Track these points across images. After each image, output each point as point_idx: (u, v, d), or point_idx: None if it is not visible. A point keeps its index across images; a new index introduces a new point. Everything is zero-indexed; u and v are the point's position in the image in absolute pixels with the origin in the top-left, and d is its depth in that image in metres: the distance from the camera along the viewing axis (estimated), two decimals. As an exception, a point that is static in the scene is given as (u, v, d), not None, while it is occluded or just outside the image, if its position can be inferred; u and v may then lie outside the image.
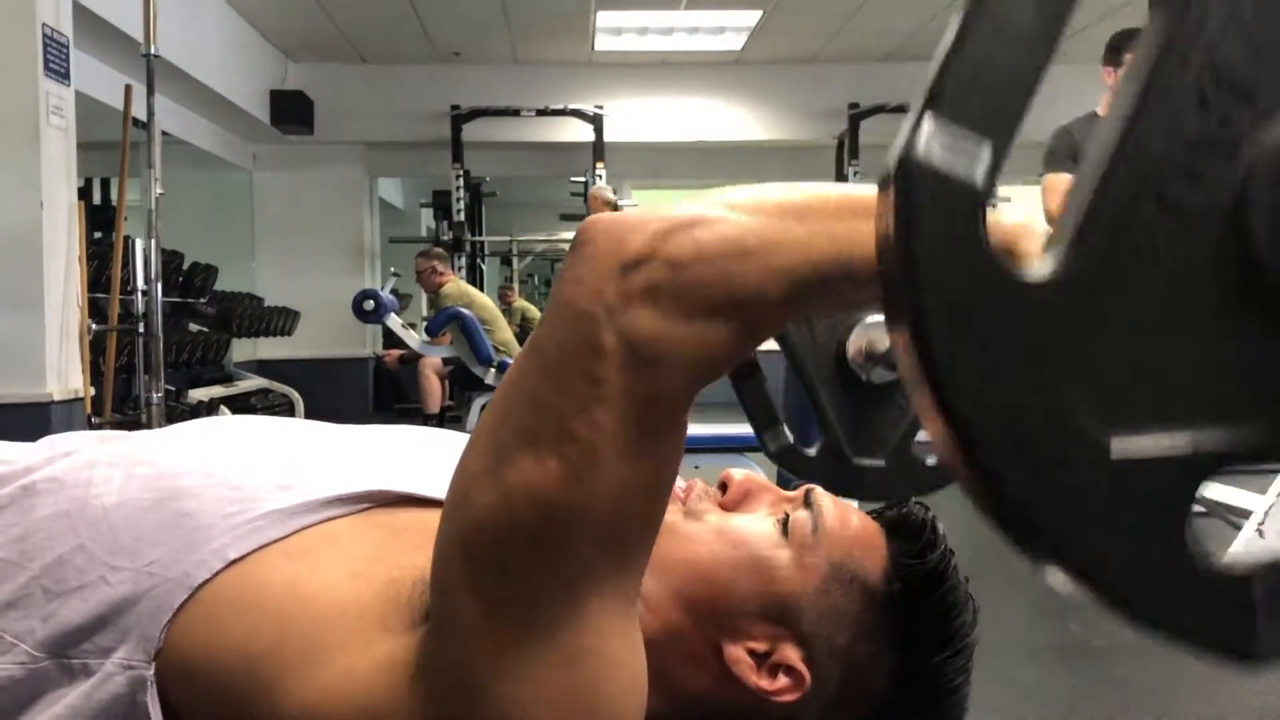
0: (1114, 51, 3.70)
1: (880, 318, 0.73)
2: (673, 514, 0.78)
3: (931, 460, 0.88)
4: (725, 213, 0.56)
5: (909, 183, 0.35)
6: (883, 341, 0.88)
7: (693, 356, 0.56)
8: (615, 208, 6.43)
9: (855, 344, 0.93)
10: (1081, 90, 3.75)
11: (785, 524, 0.81)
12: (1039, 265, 0.35)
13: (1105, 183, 0.36)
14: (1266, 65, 0.36)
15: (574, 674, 0.62)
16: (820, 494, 0.84)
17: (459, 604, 0.62)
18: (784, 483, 1.19)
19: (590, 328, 0.56)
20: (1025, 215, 0.69)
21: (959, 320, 0.35)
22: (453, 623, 0.63)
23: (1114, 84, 3.41)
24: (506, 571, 0.60)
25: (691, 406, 0.61)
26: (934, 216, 0.35)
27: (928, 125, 0.35)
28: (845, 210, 0.56)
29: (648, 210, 0.58)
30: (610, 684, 0.64)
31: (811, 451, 0.93)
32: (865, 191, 0.57)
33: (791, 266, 0.55)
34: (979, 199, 0.35)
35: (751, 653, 0.79)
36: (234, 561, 0.72)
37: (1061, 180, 3.58)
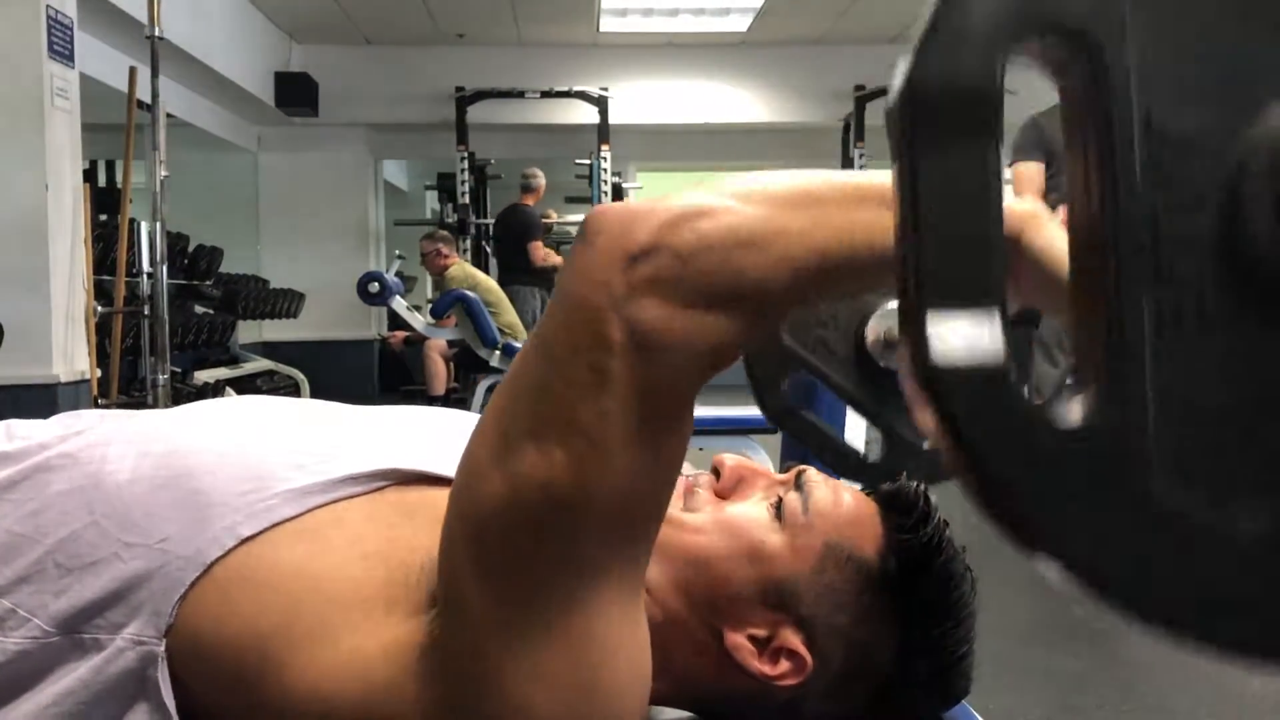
0: None
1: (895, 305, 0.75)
2: (672, 504, 0.79)
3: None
4: (731, 202, 0.56)
5: (942, 393, 0.36)
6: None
7: (697, 347, 0.56)
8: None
9: (874, 331, 0.93)
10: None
11: (778, 508, 0.81)
12: (1074, 410, 0.36)
13: (1113, 311, 0.36)
14: (1199, 104, 0.36)
15: (577, 660, 0.63)
16: (811, 475, 0.84)
17: (465, 590, 0.63)
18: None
19: (596, 319, 0.56)
20: (1032, 202, 0.70)
21: (1037, 500, 0.35)
22: (459, 608, 0.63)
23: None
24: (513, 559, 0.61)
25: (696, 398, 0.62)
26: (978, 416, 0.35)
27: (932, 324, 0.35)
28: (851, 198, 0.56)
29: (654, 200, 0.58)
30: (613, 670, 0.65)
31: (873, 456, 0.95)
32: (869, 178, 0.57)
33: (796, 256, 0.55)
34: (1006, 373, 0.36)
35: (752, 639, 0.79)
36: (246, 539, 0.72)
37: (1029, 169, 3.78)
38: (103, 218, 5.44)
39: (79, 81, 4.07)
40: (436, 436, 0.86)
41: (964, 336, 0.35)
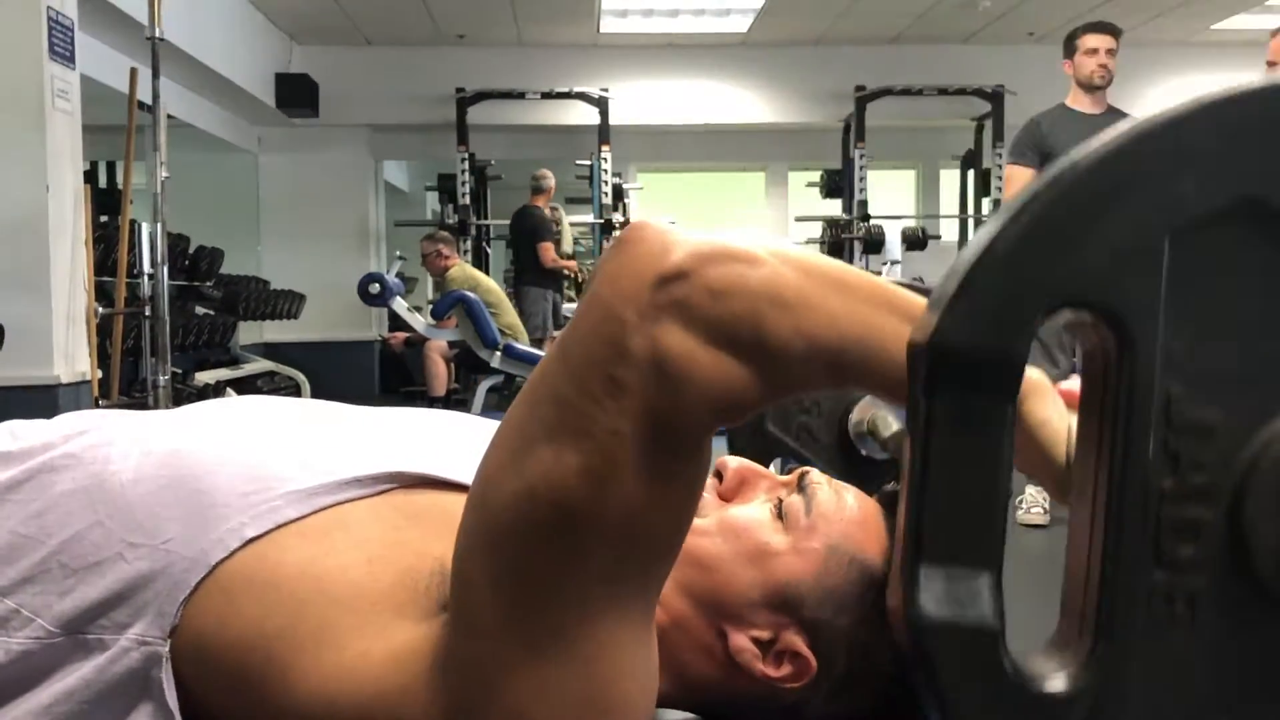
0: (1070, 43, 3.87)
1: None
2: None
3: None
4: (772, 260, 0.57)
5: (926, 644, 0.36)
6: (886, 425, 0.89)
7: (714, 386, 0.56)
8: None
9: (859, 414, 0.94)
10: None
11: (780, 510, 0.81)
12: (1061, 677, 0.36)
13: (1107, 582, 0.36)
14: (1219, 396, 0.37)
15: (586, 676, 0.63)
16: (815, 476, 0.83)
17: (479, 599, 0.63)
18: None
19: (619, 329, 0.56)
20: (1037, 374, 0.70)
21: None
22: (471, 617, 0.63)
23: (1071, 73, 3.46)
24: (525, 567, 0.61)
25: (709, 446, 0.62)
26: (959, 670, 0.36)
27: (925, 579, 0.36)
28: (882, 303, 0.57)
29: (696, 230, 0.58)
30: (621, 689, 0.65)
31: None
32: (902, 292, 0.58)
33: (819, 334, 0.55)
34: (994, 634, 0.36)
35: (756, 641, 0.79)
36: (251, 540, 0.72)
37: (1019, 173, 3.80)
38: (103, 219, 5.45)
39: (80, 82, 4.07)
40: (441, 440, 0.86)
41: (955, 595, 0.36)
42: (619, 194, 8.46)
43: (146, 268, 4.31)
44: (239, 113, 7.80)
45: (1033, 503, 3.73)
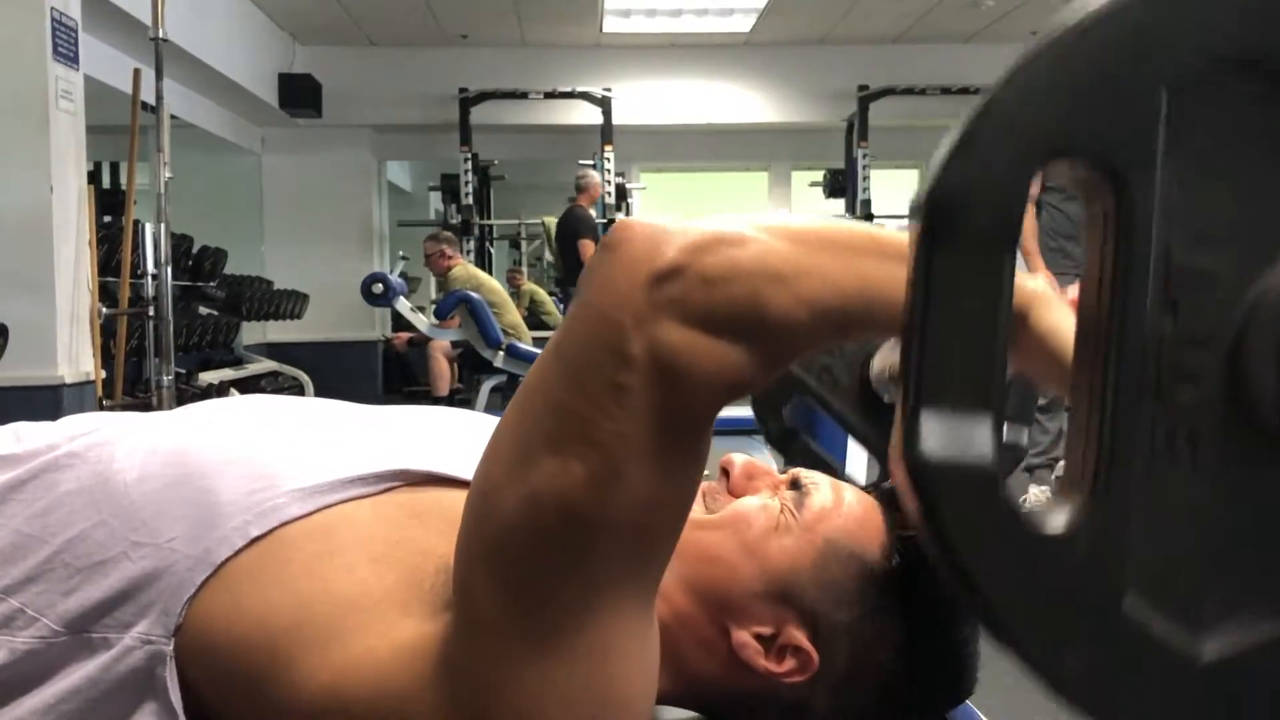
0: None
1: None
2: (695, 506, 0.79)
3: None
4: (760, 235, 0.57)
5: (927, 484, 0.36)
6: None
7: (715, 376, 0.56)
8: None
9: (880, 361, 0.93)
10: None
11: (781, 505, 0.82)
12: (1062, 516, 0.36)
13: (1106, 425, 0.37)
14: (1218, 246, 0.37)
15: (590, 673, 0.63)
16: (813, 476, 0.84)
17: (481, 601, 0.63)
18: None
19: (617, 335, 0.56)
20: (1043, 283, 0.70)
21: (1006, 596, 0.36)
22: (474, 619, 0.63)
23: None
24: (530, 573, 0.61)
25: (710, 429, 0.62)
26: (959, 510, 0.36)
27: (926, 421, 0.36)
28: (874, 251, 0.57)
29: (682, 219, 0.58)
30: (624, 684, 0.65)
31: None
32: (891, 234, 0.58)
33: (819, 297, 0.56)
34: (994, 476, 0.36)
35: (758, 637, 0.79)
36: (256, 539, 0.72)
37: None
38: (107, 219, 5.45)
39: (83, 83, 4.08)
40: (446, 437, 0.86)
41: (955, 438, 0.36)
42: (622, 194, 8.46)
43: (150, 268, 4.32)
44: (242, 113, 7.80)
45: (1036, 503, 3.75)
